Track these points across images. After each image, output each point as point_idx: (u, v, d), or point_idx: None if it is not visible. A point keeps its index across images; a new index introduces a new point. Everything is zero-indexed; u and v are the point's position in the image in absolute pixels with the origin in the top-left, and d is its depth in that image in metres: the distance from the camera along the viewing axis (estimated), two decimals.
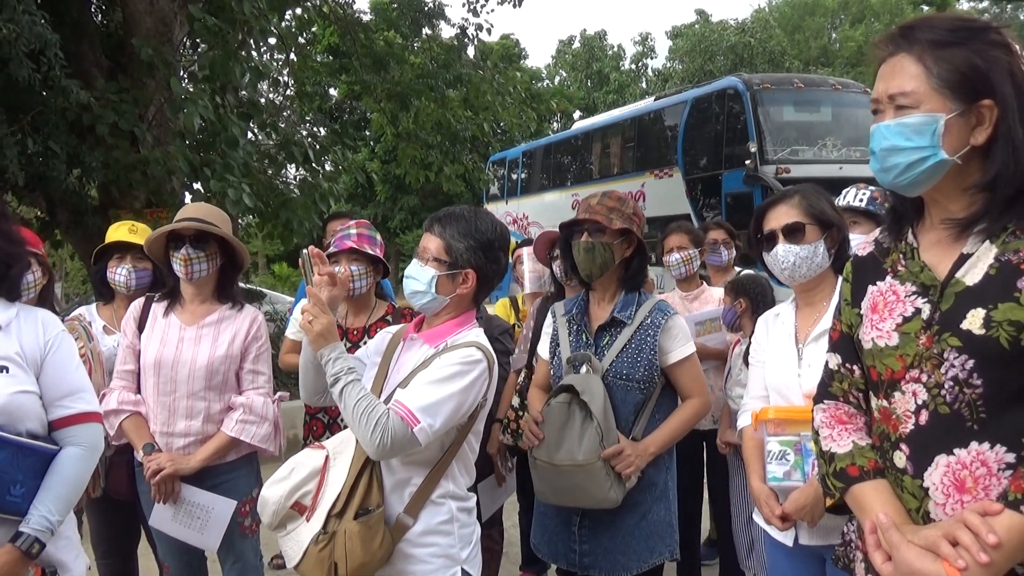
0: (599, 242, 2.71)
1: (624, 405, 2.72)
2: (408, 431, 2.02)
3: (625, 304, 2.79)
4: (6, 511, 1.91)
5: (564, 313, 2.93)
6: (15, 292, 2.11)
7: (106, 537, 3.42)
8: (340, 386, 2.10)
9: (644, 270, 2.87)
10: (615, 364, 2.72)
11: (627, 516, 2.72)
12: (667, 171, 15.24)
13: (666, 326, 2.75)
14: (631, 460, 2.62)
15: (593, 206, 2.75)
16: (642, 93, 37.04)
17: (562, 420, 2.66)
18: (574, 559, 2.77)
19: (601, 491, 2.60)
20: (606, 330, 2.80)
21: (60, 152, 6.67)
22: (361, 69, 10.54)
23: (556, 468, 2.65)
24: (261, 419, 2.94)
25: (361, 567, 2.07)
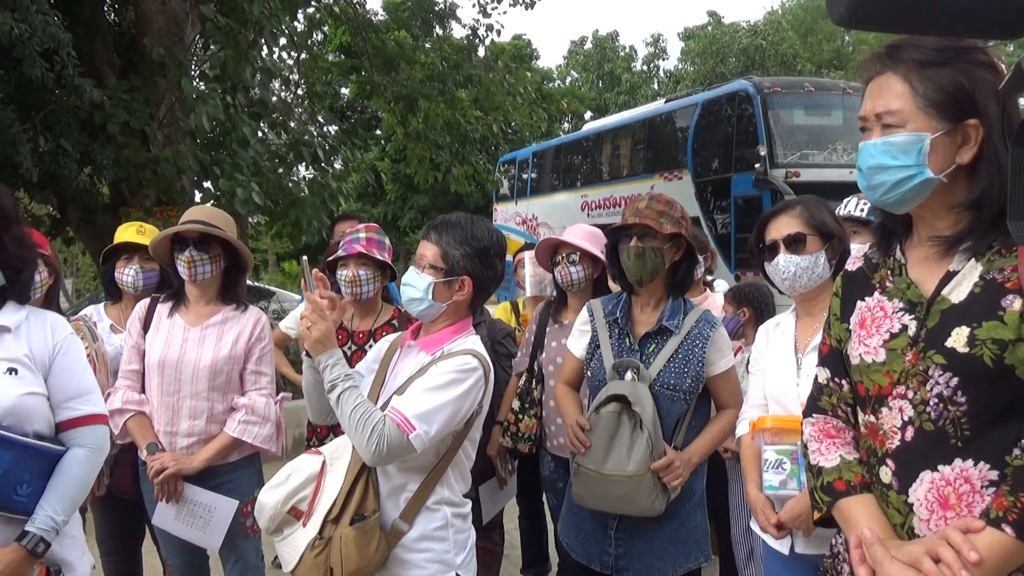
0: (649, 247, 2.69)
1: (668, 415, 2.70)
2: (404, 438, 2.03)
3: (673, 312, 2.77)
4: (12, 510, 1.95)
5: (605, 315, 2.88)
6: (25, 295, 2.15)
7: (110, 535, 3.47)
8: (337, 392, 2.12)
9: (692, 275, 2.86)
10: (663, 374, 2.69)
11: (666, 523, 2.72)
12: (677, 173, 15.23)
13: (713, 338, 2.74)
14: (679, 472, 2.63)
15: (642, 210, 2.73)
16: (653, 94, 36.97)
17: (611, 430, 2.64)
18: (608, 561, 2.78)
19: (647, 501, 2.60)
20: (652, 337, 2.77)
21: (72, 150, 6.73)
22: (371, 69, 10.57)
23: (604, 477, 2.63)
24: (263, 420, 2.97)
25: (356, 572, 2.10)
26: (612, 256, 2.84)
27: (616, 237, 2.80)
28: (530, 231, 20.48)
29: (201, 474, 2.94)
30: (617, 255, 2.79)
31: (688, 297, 4.15)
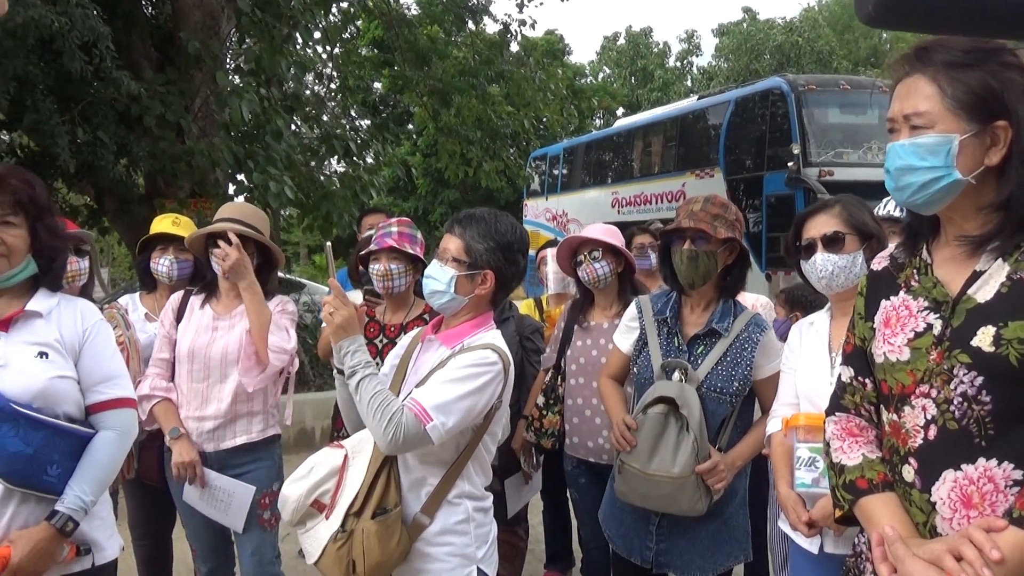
0: (703, 251, 2.68)
1: (713, 417, 2.70)
2: (421, 428, 2.04)
3: (723, 314, 2.76)
4: (43, 490, 1.99)
5: (655, 313, 2.87)
6: (57, 283, 2.20)
7: (141, 520, 3.55)
8: (357, 379, 2.12)
9: (743, 278, 2.86)
10: (710, 376, 2.69)
11: (708, 522, 2.72)
12: (708, 171, 15.13)
13: (763, 342, 2.74)
14: (723, 475, 2.62)
15: (696, 213, 2.71)
16: (687, 91, 36.75)
17: (658, 430, 2.64)
18: (648, 556, 2.79)
19: (689, 502, 2.61)
20: (701, 339, 2.76)
21: (109, 142, 6.86)
22: (404, 64, 10.62)
23: (648, 477, 2.64)
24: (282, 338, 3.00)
25: (378, 565, 2.11)
26: (664, 257, 2.84)
27: (669, 239, 2.80)
28: (560, 227, 20.45)
29: (221, 463, 3.01)
30: (669, 256, 2.79)
31: None
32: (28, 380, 1.99)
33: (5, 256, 2.03)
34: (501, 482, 3.63)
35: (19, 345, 2.03)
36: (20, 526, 1.98)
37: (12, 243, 2.04)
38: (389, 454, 2.17)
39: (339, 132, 9.23)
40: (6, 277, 2.06)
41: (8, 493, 1.96)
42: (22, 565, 1.91)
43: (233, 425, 3.01)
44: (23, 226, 2.06)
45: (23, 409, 1.95)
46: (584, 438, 3.40)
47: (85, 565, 2.11)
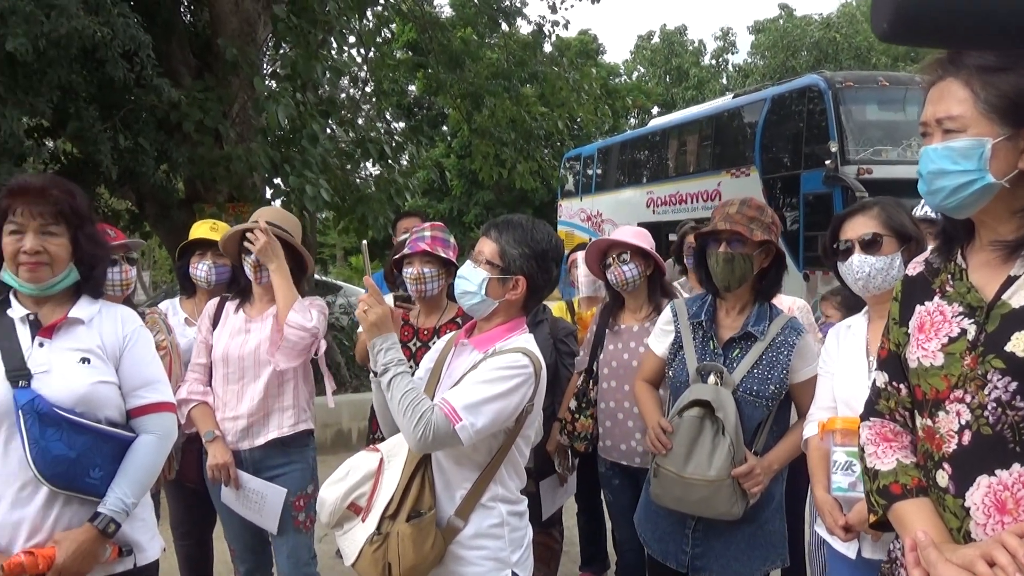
0: (739, 253, 2.68)
1: (749, 420, 2.70)
2: (451, 428, 2.05)
3: (759, 317, 2.75)
4: (86, 492, 2.04)
5: (690, 317, 2.87)
6: (98, 290, 2.26)
7: (182, 520, 3.63)
8: (389, 376, 2.14)
9: (780, 281, 2.84)
10: (746, 380, 2.69)
11: (744, 526, 2.72)
12: (744, 170, 15.01)
13: (799, 346, 2.72)
14: (760, 479, 2.62)
15: (732, 215, 2.70)
16: (722, 89, 36.44)
17: (693, 434, 2.65)
18: (684, 560, 2.79)
19: (725, 505, 2.61)
20: (736, 343, 2.76)
21: (149, 148, 6.98)
22: (437, 67, 10.68)
23: (684, 480, 2.64)
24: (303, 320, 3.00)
25: (413, 568, 2.13)
26: (700, 260, 2.84)
27: (705, 241, 2.79)
28: (595, 227, 20.42)
29: (255, 464, 3.06)
30: (705, 258, 2.78)
31: None
32: (71, 385, 2.04)
33: (48, 264, 2.08)
34: (536, 484, 3.64)
35: (62, 351, 2.09)
36: (64, 527, 2.03)
37: (55, 252, 2.09)
38: (418, 452, 2.19)
39: (374, 135, 9.30)
40: (49, 285, 2.11)
41: (52, 495, 2.01)
42: (66, 565, 1.96)
43: (266, 421, 3.06)
44: (65, 235, 2.11)
45: (66, 414, 2.00)
46: (617, 441, 3.41)
47: (127, 566, 2.15)
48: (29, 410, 1.96)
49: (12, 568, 1.92)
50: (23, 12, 5.21)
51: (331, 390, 3.36)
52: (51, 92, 6.02)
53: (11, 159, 5.99)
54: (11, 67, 5.64)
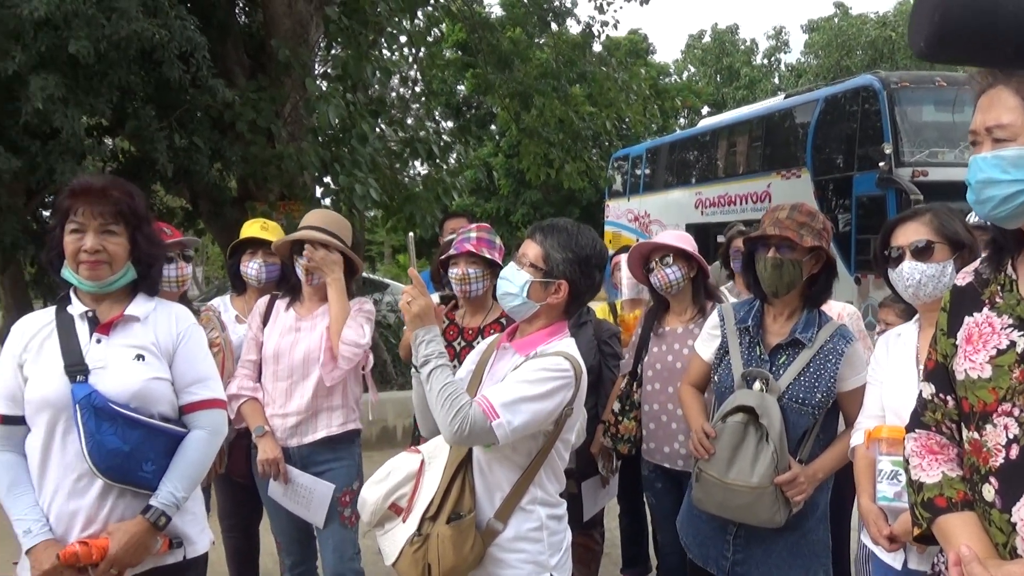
0: (788, 259, 2.64)
1: (794, 428, 2.66)
2: (487, 424, 2.06)
3: (807, 324, 2.71)
4: (138, 485, 2.11)
5: (737, 322, 2.85)
6: (154, 288, 2.32)
7: (230, 513, 3.72)
8: (429, 368, 2.15)
9: (830, 288, 2.80)
10: (792, 387, 2.65)
11: (787, 535, 2.68)
12: (795, 171, 14.80)
13: (848, 354, 2.67)
14: (803, 487, 2.58)
15: (782, 220, 2.67)
16: (774, 89, 35.95)
17: (736, 440, 2.62)
18: (724, 565, 2.77)
19: (767, 513, 2.58)
20: (784, 349, 2.73)
21: (204, 147, 7.12)
22: (486, 67, 10.72)
23: (726, 486, 2.62)
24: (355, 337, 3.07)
25: (453, 569, 2.16)
26: (748, 264, 2.82)
27: (754, 246, 2.77)
28: (642, 228, 20.30)
29: (303, 460, 3.13)
30: (753, 263, 2.75)
31: None
32: (126, 381, 2.11)
33: (107, 263, 2.15)
34: (578, 485, 3.65)
35: (118, 348, 2.16)
36: (117, 519, 2.10)
37: (114, 251, 2.16)
38: (453, 444, 2.21)
39: (423, 135, 9.38)
40: (108, 283, 2.18)
41: (107, 488, 2.08)
42: (119, 556, 2.03)
43: (314, 420, 3.12)
44: (124, 235, 2.18)
45: (121, 409, 2.07)
46: (660, 443, 3.40)
47: (177, 558, 2.21)
48: (86, 405, 2.03)
49: (67, 558, 1.99)
50: (85, 15, 5.37)
51: (373, 398, 3.40)
52: (110, 92, 6.18)
53: (72, 157, 6.16)
54: (73, 69, 5.81)
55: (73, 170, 5.96)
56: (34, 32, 5.40)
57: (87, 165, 6.41)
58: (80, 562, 2.01)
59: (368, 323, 3.15)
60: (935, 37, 0.87)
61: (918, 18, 0.99)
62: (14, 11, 5.21)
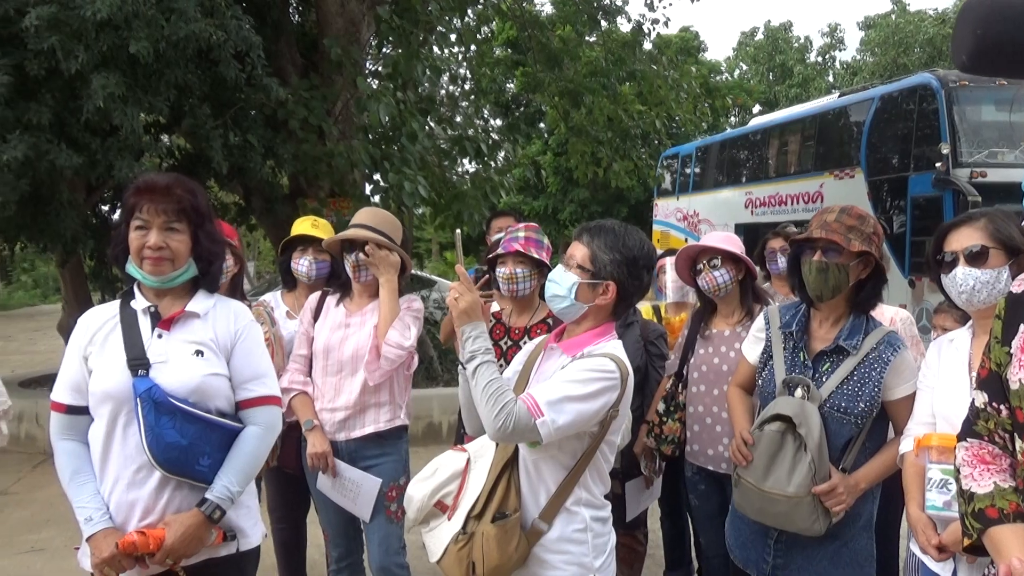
0: (834, 263, 2.57)
1: (836, 437, 2.60)
2: (531, 422, 2.06)
3: (852, 331, 2.64)
4: (195, 478, 2.16)
5: (781, 326, 2.79)
6: (214, 285, 2.37)
7: (279, 505, 3.79)
8: (475, 364, 2.16)
9: (878, 294, 2.72)
10: (834, 396, 2.59)
11: (828, 543, 2.64)
12: (848, 171, 14.52)
13: (895, 363, 2.59)
14: (842, 497, 2.54)
15: (830, 223, 2.60)
16: (828, 87, 35.36)
17: (773, 448, 2.60)
18: (765, 569, 2.75)
19: (806, 522, 2.55)
20: (827, 356, 2.66)
21: (257, 144, 7.27)
22: (535, 65, 10.73)
23: (763, 494, 2.61)
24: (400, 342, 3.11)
25: (497, 569, 2.17)
26: (793, 268, 2.75)
27: (800, 249, 2.71)
28: (691, 227, 20.12)
29: (351, 455, 3.18)
30: (799, 266, 2.70)
31: None
32: (185, 376, 2.16)
33: (170, 260, 2.21)
34: (622, 485, 3.65)
35: (178, 343, 2.21)
36: (174, 510, 2.16)
37: (176, 248, 2.21)
38: (496, 441, 2.22)
39: (471, 133, 9.43)
40: (170, 278, 2.23)
41: (164, 480, 2.14)
42: (174, 546, 2.08)
43: (362, 415, 3.17)
44: (186, 232, 2.23)
45: (180, 403, 2.12)
46: (704, 446, 3.39)
47: (231, 550, 2.26)
48: (146, 398, 2.09)
49: (125, 546, 2.05)
50: (145, 16, 5.51)
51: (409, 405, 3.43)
52: (168, 91, 6.33)
53: (131, 153, 6.33)
54: (132, 68, 5.96)
55: (131, 166, 6.13)
56: (96, 33, 5.56)
57: (144, 162, 6.58)
58: (137, 551, 2.06)
59: (415, 323, 3.19)
60: (977, 51, 0.87)
61: (960, 33, 0.99)
62: (78, 12, 5.37)
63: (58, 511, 5.50)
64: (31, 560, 4.83)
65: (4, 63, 5.66)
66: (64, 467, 2.19)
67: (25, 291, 37.37)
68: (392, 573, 3.21)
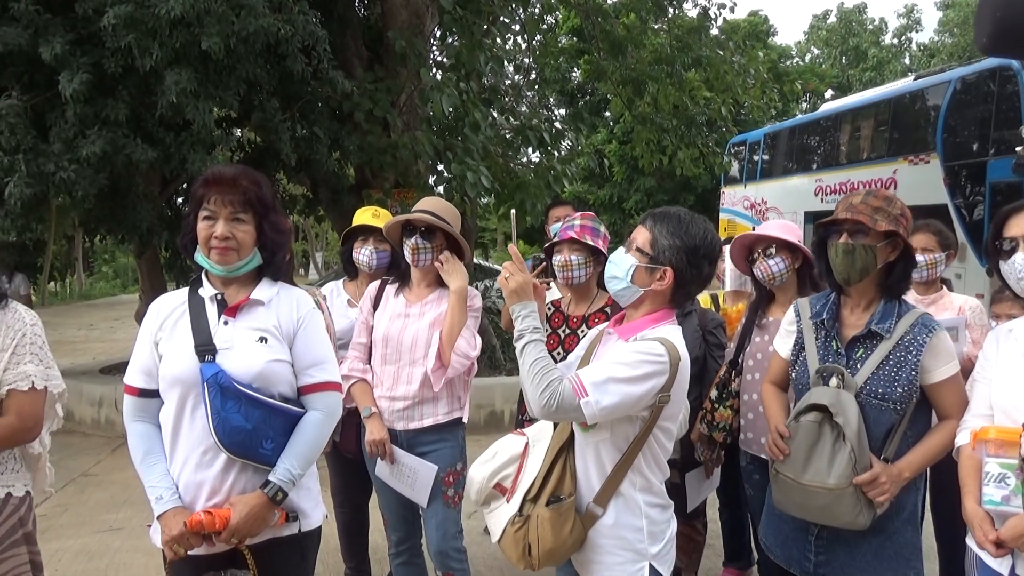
0: (860, 244, 2.50)
1: (876, 425, 2.52)
2: (575, 401, 2.09)
3: (884, 315, 2.56)
4: (258, 461, 2.23)
5: (812, 316, 2.73)
6: (278, 274, 2.44)
7: (342, 489, 3.90)
8: (523, 342, 2.21)
9: (908, 277, 2.63)
10: (870, 382, 2.52)
11: (871, 537, 2.56)
12: (923, 157, 14.08)
13: (931, 344, 2.50)
14: (885, 487, 2.45)
15: (856, 205, 2.53)
16: (904, 70, 34.28)
17: (811, 440, 2.53)
18: (808, 567, 2.68)
19: (849, 515, 2.47)
20: (860, 342, 2.59)
21: (323, 137, 7.41)
22: (599, 54, 10.66)
23: (803, 487, 2.54)
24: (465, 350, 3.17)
25: (551, 551, 2.21)
26: (820, 252, 2.69)
27: (826, 232, 2.64)
28: (758, 215, 19.78)
29: (409, 442, 3.24)
30: (826, 252, 2.63)
31: (922, 294, 3.84)
32: (250, 362, 2.24)
33: (236, 249, 2.28)
34: (681, 475, 3.64)
35: (243, 330, 2.29)
36: (239, 491, 2.23)
37: (242, 238, 2.28)
38: (541, 418, 2.26)
39: (535, 123, 9.43)
40: (236, 267, 2.31)
41: (230, 462, 2.22)
42: (239, 526, 2.16)
43: (421, 407, 3.22)
44: (251, 222, 2.30)
45: (244, 388, 2.20)
46: (758, 434, 3.36)
47: (293, 530, 2.34)
48: (213, 383, 2.17)
49: (193, 525, 2.14)
50: (216, 13, 5.67)
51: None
52: (238, 85, 6.50)
53: (203, 147, 6.52)
54: (204, 64, 6.14)
55: (204, 160, 6.32)
56: (170, 30, 5.74)
57: (217, 155, 6.77)
58: (204, 530, 2.14)
59: (475, 323, 3.23)
60: (997, 33, 0.87)
61: (981, 16, 0.98)
62: (153, 10, 5.56)
63: (134, 492, 5.74)
64: (109, 538, 5.05)
65: (84, 62, 5.89)
66: (136, 448, 2.29)
67: (106, 281, 38.88)
68: (449, 557, 3.26)
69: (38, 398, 2.44)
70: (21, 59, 6.13)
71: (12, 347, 2.41)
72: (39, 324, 2.53)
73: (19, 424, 2.40)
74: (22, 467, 2.53)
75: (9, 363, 2.40)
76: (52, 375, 2.50)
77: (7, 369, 2.39)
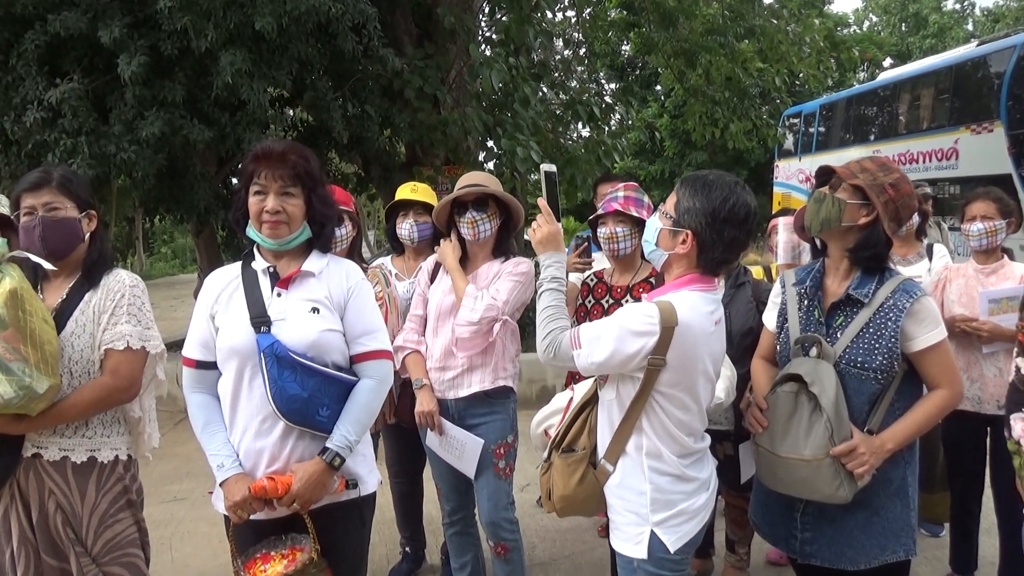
0: (831, 196, 2.45)
1: (858, 395, 2.44)
2: (570, 352, 2.24)
3: (862, 281, 2.46)
4: (315, 428, 2.29)
5: (796, 283, 2.65)
6: (327, 246, 2.49)
7: (397, 459, 3.97)
8: (543, 288, 2.37)
9: (873, 247, 2.45)
10: (849, 350, 2.43)
11: (856, 512, 2.47)
12: (987, 125, 13.63)
13: (912, 309, 2.38)
14: (864, 459, 2.35)
15: (849, 165, 2.50)
16: (966, 36, 33.12)
17: (788, 410, 2.47)
18: (794, 545, 2.60)
19: (828, 488, 2.37)
20: (840, 309, 2.50)
21: (375, 115, 7.47)
22: (649, 26, 10.53)
23: (780, 459, 2.46)
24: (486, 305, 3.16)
25: (564, 499, 2.40)
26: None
27: (823, 183, 2.61)
28: (813, 189, 19.36)
29: (459, 413, 3.27)
30: None
31: (982, 263, 3.70)
32: (303, 332, 2.29)
33: (286, 223, 2.33)
34: (735, 447, 3.62)
35: (296, 301, 2.34)
36: (297, 458, 2.29)
37: (292, 211, 2.33)
38: (543, 363, 2.36)
39: (584, 98, 9.37)
40: (287, 240, 2.36)
41: (287, 429, 2.28)
42: (301, 492, 2.22)
43: (469, 375, 3.25)
44: (300, 196, 2.35)
45: (299, 358, 2.25)
46: None
47: (352, 495, 2.39)
48: (269, 353, 2.22)
49: (257, 491, 2.20)
50: None
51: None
52: (291, 65, 6.59)
53: (258, 127, 6.64)
54: (257, 44, 6.23)
55: (259, 139, 6.43)
56: (224, 11, 5.84)
57: (271, 134, 6.87)
58: (267, 495, 2.21)
59: (517, 286, 3.18)
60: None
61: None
62: None
63: (197, 465, 5.94)
64: (174, 508, 5.22)
65: (141, 44, 6.02)
66: (196, 418, 2.36)
67: (165, 262, 39.78)
68: (501, 528, 3.30)
69: (135, 358, 2.51)
70: (81, 43, 6.29)
71: (111, 308, 2.50)
72: (140, 286, 2.60)
73: (113, 384, 2.47)
74: (126, 431, 2.62)
75: (108, 324, 2.48)
76: (150, 335, 2.56)
77: (106, 330, 2.48)
